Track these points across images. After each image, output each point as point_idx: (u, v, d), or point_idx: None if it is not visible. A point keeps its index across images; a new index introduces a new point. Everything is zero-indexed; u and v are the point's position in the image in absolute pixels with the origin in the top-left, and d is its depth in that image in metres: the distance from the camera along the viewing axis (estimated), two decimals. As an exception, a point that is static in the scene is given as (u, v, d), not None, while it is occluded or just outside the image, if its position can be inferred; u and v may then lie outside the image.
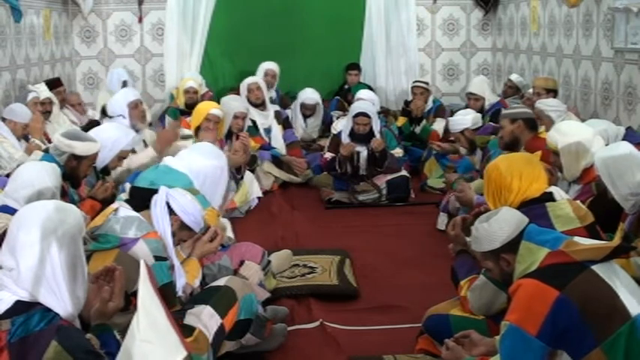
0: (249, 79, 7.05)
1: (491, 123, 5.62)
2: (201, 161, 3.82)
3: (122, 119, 5.53)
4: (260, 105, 6.91)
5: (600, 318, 2.13)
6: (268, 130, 6.86)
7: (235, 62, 8.34)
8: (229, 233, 4.20)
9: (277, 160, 6.54)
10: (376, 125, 6.01)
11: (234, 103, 6.13)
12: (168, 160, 3.85)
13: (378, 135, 5.96)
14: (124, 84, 7.34)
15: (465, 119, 5.60)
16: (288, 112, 7.61)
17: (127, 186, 3.51)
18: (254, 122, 6.69)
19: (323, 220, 5.63)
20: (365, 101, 6.45)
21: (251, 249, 3.77)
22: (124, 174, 4.67)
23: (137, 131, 5.39)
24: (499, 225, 2.42)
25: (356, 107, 6.11)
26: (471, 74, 8.64)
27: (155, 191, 3.10)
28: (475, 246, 2.52)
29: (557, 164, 3.88)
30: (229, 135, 6.01)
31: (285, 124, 7.13)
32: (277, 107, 7.28)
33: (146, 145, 5.46)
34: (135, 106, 5.66)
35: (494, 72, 8.81)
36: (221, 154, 4.09)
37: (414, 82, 7.50)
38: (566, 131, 3.86)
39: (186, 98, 7.12)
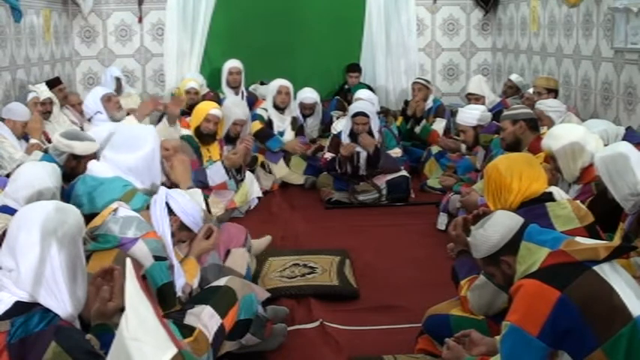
0: (282, 81, 7.04)
1: (495, 122, 5.61)
2: (128, 158, 3.68)
3: (100, 115, 5.84)
4: (282, 109, 7.00)
5: (601, 319, 2.13)
6: (282, 134, 6.92)
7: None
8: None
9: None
10: (375, 125, 6.01)
11: (236, 110, 6.09)
12: (95, 169, 3.69)
13: (377, 135, 5.96)
14: (117, 80, 7.34)
15: (477, 113, 5.57)
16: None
17: None
18: (270, 121, 6.88)
19: (323, 220, 5.63)
20: (364, 101, 6.44)
21: (235, 233, 3.78)
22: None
23: (118, 122, 5.55)
24: (494, 227, 2.41)
25: (355, 107, 6.11)
26: (470, 74, 8.62)
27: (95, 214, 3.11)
28: (475, 253, 2.50)
29: (556, 169, 3.89)
30: (229, 137, 6.01)
31: (299, 131, 7.11)
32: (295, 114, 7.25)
33: None
34: (108, 99, 5.95)
35: (494, 72, 8.81)
36: (145, 136, 3.80)
37: (414, 80, 7.51)
38: (558, 135, 3.88)
39: (187, 99, 7.11)
